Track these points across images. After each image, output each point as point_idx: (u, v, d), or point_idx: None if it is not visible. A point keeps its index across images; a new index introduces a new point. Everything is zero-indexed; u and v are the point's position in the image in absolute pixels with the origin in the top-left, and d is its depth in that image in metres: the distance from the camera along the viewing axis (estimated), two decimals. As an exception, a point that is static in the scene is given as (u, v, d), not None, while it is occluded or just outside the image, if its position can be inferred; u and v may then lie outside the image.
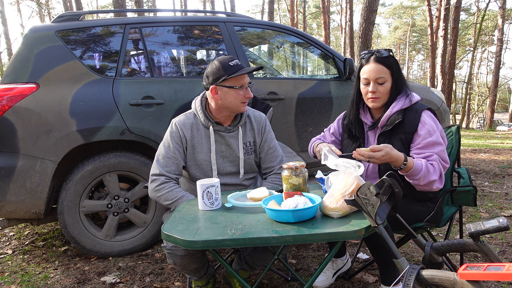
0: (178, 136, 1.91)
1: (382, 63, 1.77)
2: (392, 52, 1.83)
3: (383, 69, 1.77)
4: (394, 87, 1.80)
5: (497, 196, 3.77)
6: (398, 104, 1.78)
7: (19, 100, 2.42)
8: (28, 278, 2.42)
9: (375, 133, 1.86)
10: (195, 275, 1.91)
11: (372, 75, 1.77)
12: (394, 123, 1.75)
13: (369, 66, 1.79)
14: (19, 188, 2.44)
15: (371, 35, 7.27)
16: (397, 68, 1.80)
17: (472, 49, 22.38)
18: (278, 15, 33.19)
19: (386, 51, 1.79)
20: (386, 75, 1.78)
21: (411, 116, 1.75)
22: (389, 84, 1.79)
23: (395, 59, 1.81)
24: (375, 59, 1.78)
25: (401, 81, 1.81)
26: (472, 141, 9.56)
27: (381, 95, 1.79)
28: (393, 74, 1.79)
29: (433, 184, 1.66)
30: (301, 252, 2.62)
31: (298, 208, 1.33)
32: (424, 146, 1.70)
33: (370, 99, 1.81)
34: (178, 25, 3.14)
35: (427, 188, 1.67)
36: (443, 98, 4.11)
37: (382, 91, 1.78)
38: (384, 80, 1.77)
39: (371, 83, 1.79)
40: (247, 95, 1.88)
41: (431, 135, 1.70)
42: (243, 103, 1.89)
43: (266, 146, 2.03)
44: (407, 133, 1.75)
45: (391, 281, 1.74)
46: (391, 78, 1.79)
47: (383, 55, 1.78)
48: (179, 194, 1.82)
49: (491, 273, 0.97)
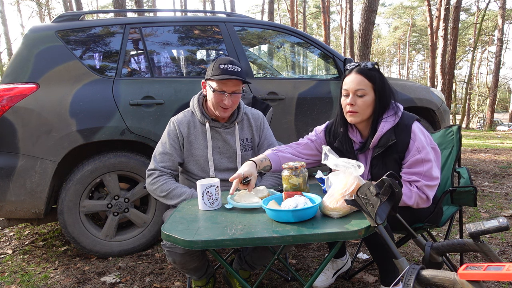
0: (175, 133, 1.95)
1: (364, 74, 1.67)
2: (378, 65, 1.72)
3: (363, 81, 1.66)
4: (378, 102, 1.68)
5: (497, 196, 3.77)
6: (388, 124, 1.67)
7: (19, 100, 2.42)
8: (28, 278, 2.42)
9: (366, 156, 1.77)
10: (195, 275, 1.91)
11: (351, 86, 1.67)
12: (387, 145, 1.65)
13: (350, 77, 1.70)
14: (19, 188, 2.44)
15: (371, 35, 7.27)
16: (382, 82, 1.68)
17: (472, 49, 22.37)
18: (278, 15, 33.19)
19: (371, 64, 1.69)
20: (367, 87, 1.66)
21: (402, 134, 1.66)
22: (369, 99, 1.67)
23: (380, 73, 1.71)
24: (357, 70, 1.69)
25: (386, 97, 1.69)
26: (472, 141, 9.56)
27: (359, 109, 1.67)
28: (375, 88, 1.67)
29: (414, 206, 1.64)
30: (301, 252, 2.62)
31: (298, 208, 1.33)
32: (412, 164, 1.63)
33: (348, 113, 1.70)
34: (178, 25, 3.14)
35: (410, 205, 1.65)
36: (443, 98, 4.11)
37: (360, 105, 1.66)
38: (364, 92, 1.66)
39: (350, 94, 1.68)
40: (226, 102, 1.85)
41: (419, 152, 1.62)
42: (221, 107, 1.88)
43: (266, 144, 2.05)
44: (400, 151, 1.66)
45: (391, 281, 1.74)
46: (372, 92, 1.67)
47: (367, 67, 1.68)
48: (173, 185, 1.87)
49: (491, 273, 0.97)
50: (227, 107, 1.88)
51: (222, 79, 1.82)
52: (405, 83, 3.87)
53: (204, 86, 1.95)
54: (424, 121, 3.77)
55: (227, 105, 1.86)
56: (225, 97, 1.85)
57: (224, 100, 1.85)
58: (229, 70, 1.82)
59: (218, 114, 1.91)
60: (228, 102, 1.86)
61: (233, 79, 1.83)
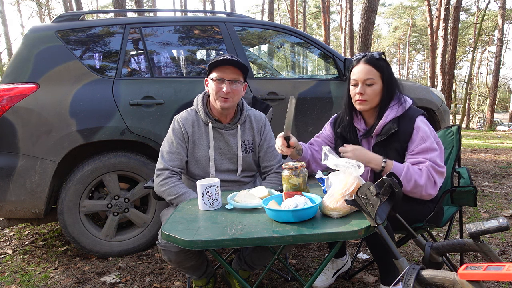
0: (180, 132, 1.95)
1: (372, 64, 1.73)
2: (385, 55, 1.79)
3: (372, 71, 1.73)
4: (386, 91, 1.75)
5: (497, 196, 3.77)
6: (392, 113, 1.73)
7: (19, 100, 2.42)
8: (28, 278, 2.42)
9: (369, 142, 1.82)
10: (193, 274, 1.91)
11: (360, 76, 1.74)
12: (389, 133, 1.70)
13: (359, 67, 1.76)
14: (19, 188, 2.44)
15: (371, 35, 7.27)
16: (389, 72, 1.76)
17: (472, 49, 22.38)
18: (278, 15, 33.18)
19: (377, 53, 1.76)
20: (375, 77, 1.73)
21: (406, 124, 1.70)
22: (378, 87, 1.74)
23: (387, 63, 1.77)
24: (365, 60, 1.75)
25: (392, 86, 1.76)
26: (472, 141, 9.56)
27: (368, 98, 1.73)
28: (383, 77, 1.74)
29: (423, 190, 1.61)
30: (301, 252, 2.62)
31: (298, 208, 1.33)
32: (418, 152, 1.66)
33: (357, 101, 1.76)
34: (178, 25, 3.14)
35: (417, 194, 1.63)
36: (443, 98, 4.11)
37: (369, 94, 1.73)
38: (373, 82, 1.73)
39: (359, 84, 1.75)
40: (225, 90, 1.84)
41: (424, 141, 1.65)
42: (221, 97, 1.87)
43: (266, 145, 2.05)
44: (402, 141, 1.70)
45: (391, 281, 1.74)
46: (381, 81, 1.74)
47: (374, 57, 1.74)
48: (182, 190, 1.86)
49: (491, 273, 0.97)
50: (227, 96, 1.86)
51: (221, 65, 1.85)
52: (405, 83, 3.87)
53: (207, 84, 1.95)
54: (424, 121, 3.77)
55: (226, 92, 1.84)
56: (224, 84, 1.85)
57: (223, 88, 1.85)
58: (227, 59, 1.85)
59: (219, 105, 1.88)
60: (227, 89, 1.84)
61: (231, 65, 1.85)
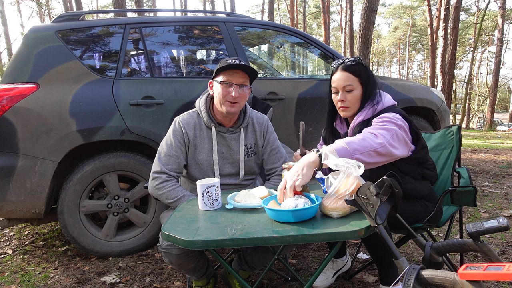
0: (180, 134, 1.90)
1: (349, 71, 1.76)
2: (361, 59, 1.80)
3: (350, 77, 1.75)
4: (365, 94, 1.77)
5: (497, 196, 3.77)
6: (361, 115, 1.76)
7: (19, 100, 2.42)
8: (28, 278, 2.42)
9: None
10: (194, 275, 1.90)
11: (339, 83, 1.77)
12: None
13: (337, 75, 1.79)
14: (19, 188, 2.44)
15: (371, 35, 7.27)
16: (366, 75, 1.77)
17: (472, 49, 22.38)
18: (278, 15, 33.19)
19: (353, 59, 1.78)
20: (354, 82, 1.76)
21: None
22: (357, 92, 1.76)
23: (365, 67, 1.79)
24: (342, 67, 1.78)
25: (371, 89, 1.78)
26: (472, 141, 9.56)
27: (350, 104, 1.77)
28: (361, 81, 1.76)
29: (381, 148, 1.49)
30: (301, 252, 2.62)
31: (298, 208, 1.33)
32: (376, 124, 1.63)
33: (340, 108, 1.80)
34: (178, 25, 3.14)
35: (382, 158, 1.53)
36: (443, 98, 4.11)
37: (350, 100, 1.76)
38: (352, 88, 1.76)
39: (339, 91, 1.78)
40: (233, 94, 1.81)
41: (383, 118, 1.64)
42: (228, 102, 1.83)
43: (269, 148, 2.03)
44: None
45: (391, 281, 1.74)
46: (360, 86, 1.77)
47: (351, 63, 1.77)
48: (180, 193, 1.83)
49: (491, 273, 0.96)
50: (234, 100, 1.83)
51: (229, 69, 1.82)
52: (405, 83, 3.87)
53: (211, 86, 1.92)
54: (424, 121, 3.77)
55: (234, 97, 1.81)
56: (233, 88, 1.82)
57: (231, 92, 1.81)
58: (236, 63, 1.82)
59: (225, 109, 1.85)
60: (236, 94, 1.81)
61: (241, 69, 1.83)
